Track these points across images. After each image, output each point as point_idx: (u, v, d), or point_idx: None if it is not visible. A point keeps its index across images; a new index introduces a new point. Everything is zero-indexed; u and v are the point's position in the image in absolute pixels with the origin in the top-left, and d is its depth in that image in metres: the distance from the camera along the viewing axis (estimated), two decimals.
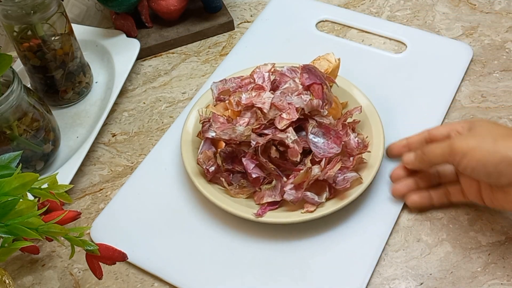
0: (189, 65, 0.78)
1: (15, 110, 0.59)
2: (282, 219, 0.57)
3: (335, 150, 0.58)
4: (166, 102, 0.74)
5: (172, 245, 0.59)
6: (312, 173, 0.56)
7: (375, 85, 0.70)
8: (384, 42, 0.77)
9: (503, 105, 0.68)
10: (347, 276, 0.55)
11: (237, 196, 0.59)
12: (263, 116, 0.58)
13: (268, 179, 0.59)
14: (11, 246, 0.46)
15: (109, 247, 0.48)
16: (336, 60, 0.65)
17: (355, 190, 0.57)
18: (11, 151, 0.50)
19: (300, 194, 0.57)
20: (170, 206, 0.62)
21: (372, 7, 0.83)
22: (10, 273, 0.58)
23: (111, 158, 0.68)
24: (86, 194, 0.65)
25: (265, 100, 0.58)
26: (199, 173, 0.60)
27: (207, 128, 0.60)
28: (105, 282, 0.57)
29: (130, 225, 0.61)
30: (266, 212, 0.57)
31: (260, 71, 0.63)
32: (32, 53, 0.67)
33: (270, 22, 0.81)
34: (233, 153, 0.60)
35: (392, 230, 0.58)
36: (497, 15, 0.79)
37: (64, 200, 0.50)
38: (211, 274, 0.56)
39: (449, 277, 0.55)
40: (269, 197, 0.58)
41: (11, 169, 0.47)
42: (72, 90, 0.73)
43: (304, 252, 0.57)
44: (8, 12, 0.64)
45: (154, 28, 0.81)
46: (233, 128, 0.58)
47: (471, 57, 0.73)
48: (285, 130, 0.57)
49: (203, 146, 0.60)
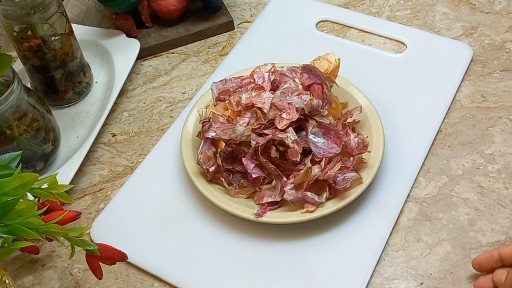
0: (189, 65, 0.78)
1: (15, 110, 0.59)
2: (282, 219, 0.57)
3: (335, 150, 0.58)
4: (166, 102, 0.74)
5: (172, 245, 0.59)
6: (312, 173, 0.56)
7: (375, 85, 0.70)
8: (384, 42, 0.77)
9: (503, 105, 0.68)
10: (347, 276, 0.55)
11: (237, 196, 0.59)
12: (263, 116, 0.58)
13: (268, 179, 0.59)
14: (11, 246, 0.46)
15: (109, 247, 0.48)
16: (336, 60, 0.65)
17: (355, 190, 0.57)
18: (11, 151, 0.50)
19: (300, 194, 0.57)
20: (170, 206, 0.62)
21: (372, 7, 0.83)
22: (10, 273, 0.58)
23: (111, 158, 0.68)
24: (86, 194, 0.65)
25: (265, 100, 0.58)
26: (199, 173, 0.60)
27: (207, 128, 0.60)
28: (105, 282, 0.57)
29: (130, 225, 0.61)
30: (266, 212, 0.57)
31: (260, 71, 0.63)
32: (32, 53, 0.67)
33: (270, 22, 0.81)
34: (233, 153, 0.60)
35: (392, 230, 0.58)
36: (497, 15, 0.79)
37: (64, 200, 0.50)
38: (211, 274, 0.56)
39: (449, 277, 0.55)
40: (269, 197, 0.58)
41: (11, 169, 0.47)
42: (72, 90, 0.73)
43: (304, 252, 0.57)
44: (8, 12, 0.64)
45: (154, 28, 0.81)
46: (233, 128, 0.58)
47: (471, 57, 0.73)
48: (285, 130, 0.57)
49: (203, 146, 0.60)
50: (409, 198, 0.61)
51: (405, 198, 0.60)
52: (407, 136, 0.65)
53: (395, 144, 0.64)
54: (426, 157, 0.64)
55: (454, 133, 0.66)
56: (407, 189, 0.61)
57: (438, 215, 0.59)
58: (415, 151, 0.64)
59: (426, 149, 0.64)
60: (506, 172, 0.62)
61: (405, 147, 0.64)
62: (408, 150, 0.64)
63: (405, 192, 0.61)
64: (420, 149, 0.64)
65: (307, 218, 0.56)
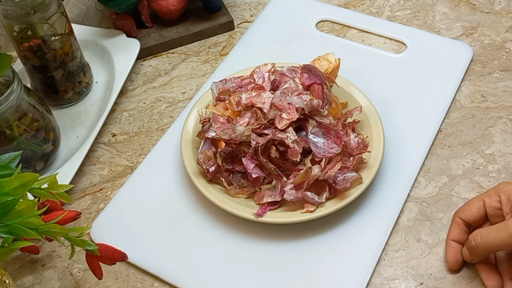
0: (189, 65, 0.78)
1: (15, 110, 0.59)
2: (282, 219, 0.57)
3: (335, 150, 0.58)
4: (166, 102, 0.74)
5: (172, 245, 0.59)
6: (312, 173, 0.56)
7: (375, 85, 0.70)
8: (384, 42, 0.77)
9: (503, 105, 0.68)
10: (347, 276, 0.55)
11: (237, 196, 0.59)
12: (263, 116, 0.58)
13: (268, 179, 0.59)
14: (11, 246, 0.46)
15: (109, 247, 0.48)
16: (336, 60, 0.65)
17: (355, 190, 0.57)
18: (11, 151, 0.50)
19: (300, 194, 0.57)
20: (170, 206, 0.62)
21: (372, 7, 0.83)
22: (10, 273, 0.58)
23: (111, 158, 0.68)
24: (86, 194, 0.65)
25: (265, 100, 0.58)
26: (199, 173, 0.60)
27: (207, 128, 0.60)
28: (105, 282, 0.57)
29: (130, 225, 0.61)
30: (266, 212, 0.57)
31: (260, 71, 0.63)
32: (32, 53, 0.67)
33: (270, 22, 0.81)
34: (233, 153, 0.60)
35: (392, 230, 0.58)
36: (497, 15, 0.79)
37: (64, 200, 0.50)
38: (211, 274, 0.56)
39: (449, 277, 0.55)
40: (269, 197, 0.58)
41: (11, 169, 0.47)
42: (72, 90, 0.73)
43: (304, 252, 0.57)
44: (8, 12, 0.64)
45: (154, 28, 0.81)
46: (233, 128, 0.58)
47: (471, 57, 0.73)
48: (285, 130, 0.57)
49: (203, 146, 0.60)
50: (409, 198, 0.61)
51: (405, 198, 0.60)
52: (407, 136, 0.65)
53: (395, 144, 0.64)
54: (426, 157, 0.64)
55: (454, 133, 0.66)
56: (407, 189, 0.61)
57: (438, 215, 0.59)
58: (415, 151, 0.64)
59: (426, 149, 0.64)
60: (506, 172, 0.62)
61: (405, 147, 0.64)
62: (408, 150, 0.64)
63: (405, 192, 0.61)
64: (420, 149, 0.64)
65: (307, 218, 0.56)
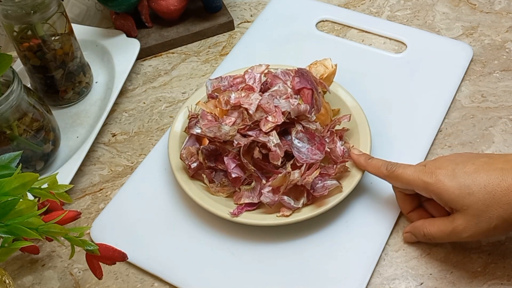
0: (189, 65, 0.78)
1: (15, 110, 0.59)
2: (256, 220, 0.56)
3: (318, 157, 0.57)
4: (166, 102, 0.74)
5: (172, 245, 0.59)
6: (291, 178, 0.55)
7: (375, 85, 0.70)
8: (384, 42, 0.77)
9: (503, 105, 0.68)
10: (347, 276, 0.55)
11: (217, 194, 0.59)
12: (248, 117, 0.58)
13: (249, 180, 0.59)
14: (11, 246, 0.46)
15: (109, 247, 0.48)
16: (333, 66, 0.64)
17: (334, 198, 0.57)
18: (11, 151, 0.50)
19: (276, 198, 0.56)
20: (170, 206, 0.62)
21: (372, 7, 0.83)
22: (10, 273, 0.58)
23: (111, 158, 0.68)
24: (86, 194, 0.65)
25: (252, 101, 0.58)
26: (182, 168, 0.60)
27: (193, 124, 0.60)
28: (105, 282, 0.57)
29: (130, 225, 0.61)
30: (242, 212, 0.57)
31: (252, 71, 0.63)
32: (32, 53, 0.67)
33: (270, 22, 0.81)
34: (217, 151, 0.59)
35: (392, 230, 0.58)
36: (497, 15, 0.79)
37: (64, 200, 0.50)
38: (211, 274, 0.56)
39: (449, 277, 0.55)
40: (247, 198, 0.58)
41: (11, 169, 0.47)
42: (72, 90, 0.73)
43: (304, 252, 0.57)
44: (8, 12, 0.64)
45: (154, 28, 0.81)
46: (219, 126, 0.58)
47: (471, 57, 0.73)
48: (269, 133, 0.57)
49: (187, 142, 0.61)
50: None
51: None
52: (407, 136, 0.65)
53: (394, 144, 0.64)
54: (426, 157, 0.64)
55: (454, 133, 0.66)
56: None
57: None
58: (415, 151, 0.64)
59: (426, 149, 0.64)
60: None
61: (405, 147, 0.64)
62: (408, 150, 0.64)
63: None
64: (420, 149, 0.64)
65: (282, 222, 0.56)
